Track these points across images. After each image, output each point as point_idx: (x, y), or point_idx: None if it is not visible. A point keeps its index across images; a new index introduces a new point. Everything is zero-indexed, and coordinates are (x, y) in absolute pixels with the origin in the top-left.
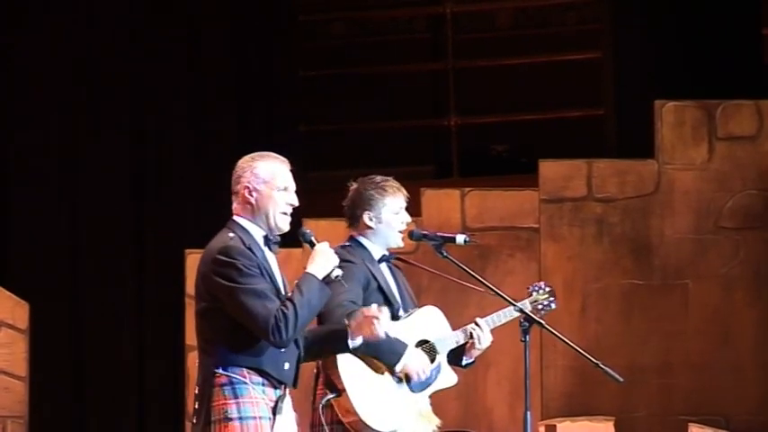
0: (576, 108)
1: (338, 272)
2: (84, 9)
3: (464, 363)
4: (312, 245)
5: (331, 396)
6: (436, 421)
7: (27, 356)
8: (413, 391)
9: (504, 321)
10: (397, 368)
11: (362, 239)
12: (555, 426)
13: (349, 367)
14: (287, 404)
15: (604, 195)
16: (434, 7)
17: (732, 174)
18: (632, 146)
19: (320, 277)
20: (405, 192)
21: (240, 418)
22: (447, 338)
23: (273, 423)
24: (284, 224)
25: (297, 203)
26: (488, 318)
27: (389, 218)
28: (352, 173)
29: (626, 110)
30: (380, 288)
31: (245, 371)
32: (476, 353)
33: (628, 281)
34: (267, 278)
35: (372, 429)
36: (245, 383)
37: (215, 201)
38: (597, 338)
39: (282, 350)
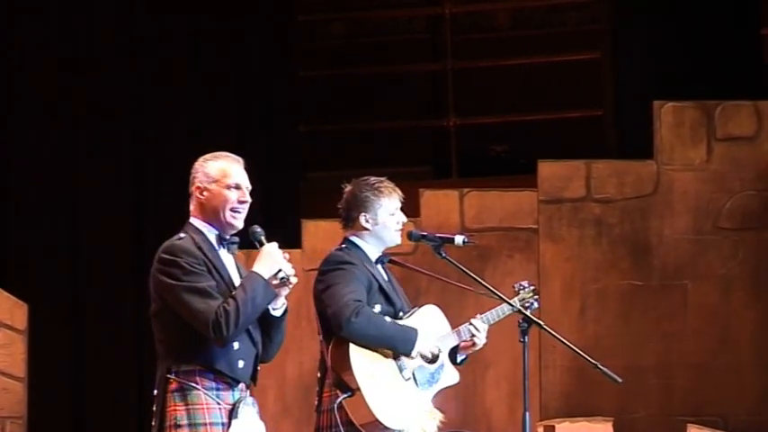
0: (575, 109)
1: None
2: (83, 10)
3: (459, 360)
4: (261, 244)
5: (344, 396)
6: (439, 416)
7: (26, 357)
8: (420, 388)
9: (499, 318)
10: (413, 354)
11: (358, 240)
12: (554, 426)
13: (362, 367)
14: (247, 407)
15: (603, 196)
16: (433, 8)
17: (731, 174)
18: (631, 146)
19: (266, 277)
20: (399, 192)
21: (190, 425)
22: (447, 337)
23: (228, 428)
24: (235, 221)
25: (249, 200)
26: (484, 316)
27: (385, 219)
28: (351, 173)
29: (625, 110)
30: (381, 288)
31: (197, 376)
32: (471, 350)
33: (626, 281)
34: (217, 277)
35: (386, 428)
36: (197, 389)
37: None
38: (596, 339)
39: (236, 348)
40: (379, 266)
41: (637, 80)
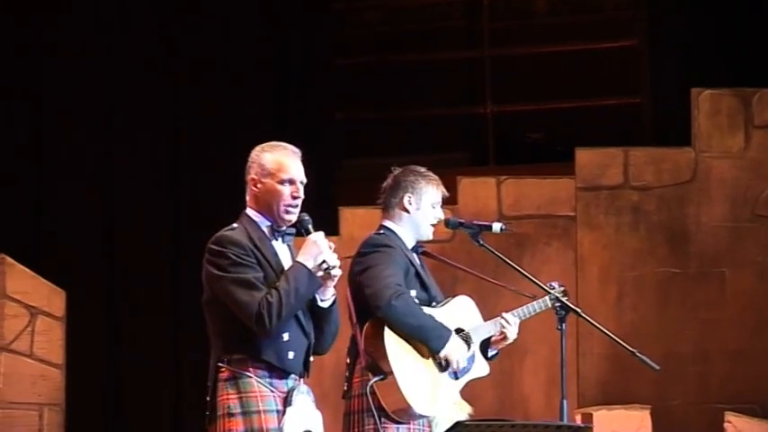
0: (613, 96)
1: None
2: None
3: (490, 354)
4: (308, 233)
5: (376, 379)
6: (468, 409)
7: (63, 344)
8: (451, 378)
9: (531, 315)
10: (442, 353)
11: (394, 226)
12: (591, 414)
13: (397, 351)
14: (301, 395)
15: (641, 183)
16: None
17: None
18: (669, 134)
19: (310, 267)
20: (445, 190)
21: (243, 413)
22: (480, 328)
23: (283, 415)
24: (288, 216)
25: (302, 196)
26: (517, 311)
27: (426, 208)
28: (388, 161)
29: (662, 98)
30: (418, 274)
31: (249, 363)
32: (502, 344)
33: (664, 269)
34: (268, 268)
35: (416, 413)
36: (250, 377)
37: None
38: (633, 327)
39: (286, 339)
40: (414, 254)
41: (674, 67)
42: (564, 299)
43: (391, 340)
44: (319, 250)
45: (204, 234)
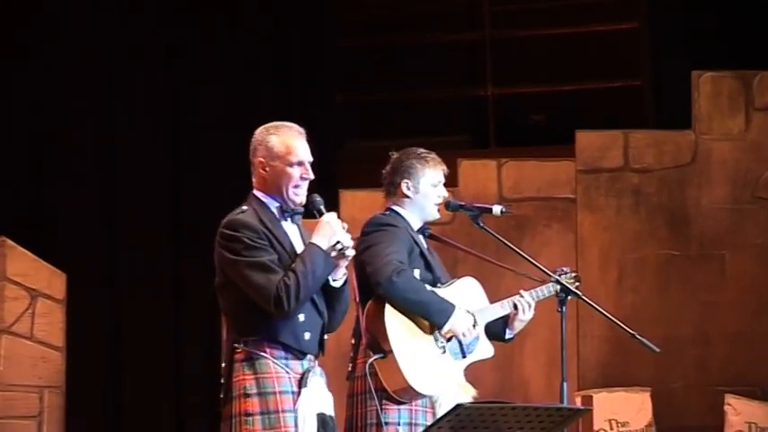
0: (613, 78)
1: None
2: None
3: (507, 336)
4: (320, 214)
5: (376, 357)
6: (472, 392)
7: (64, 327)
8: (454, 359)
9: (544, 296)
10: (445, 327)
11: (399, 209)
12: (591, 396)
13: (397, 329)
14: (316, 377)
15: (641, 166)
16: None
17: None
18: (669, 116)
19: (324, 248)
20: (445, 167)
21: (259, 394)
22: (486, 310)
23: (298, 396)
24: (298, 198)
25: (312, 177)
26: (531, 291)
27: (427, 189)
28: (389, 143)
29: (663, 80)
30: (423, 255)
31: (265, 345)
32: (518, 325)
33: (664, 251)
34: (280, 249)
35: (416, 392)
36: (266, 358)
37: (251, 172)
38: (634, 309)
39: (302, 320)
40: (420, 236)
41: (675, 50)
42: (572, 285)
43: (392, 318)
44: (333, 231)
45: (205, 219)
